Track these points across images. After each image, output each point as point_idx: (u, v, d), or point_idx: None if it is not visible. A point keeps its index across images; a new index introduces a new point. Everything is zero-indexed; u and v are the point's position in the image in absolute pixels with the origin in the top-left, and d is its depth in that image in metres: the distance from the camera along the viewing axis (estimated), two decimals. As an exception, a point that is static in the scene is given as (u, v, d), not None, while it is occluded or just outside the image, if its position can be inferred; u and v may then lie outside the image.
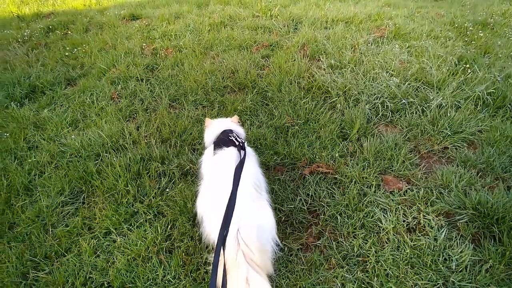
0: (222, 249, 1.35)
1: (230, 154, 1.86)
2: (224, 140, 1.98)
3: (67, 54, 4.38)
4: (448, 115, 2.95)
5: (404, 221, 2.12)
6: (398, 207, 2.20)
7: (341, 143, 2.79)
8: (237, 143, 1.93)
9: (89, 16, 5.75)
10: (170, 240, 2.07)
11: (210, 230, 1.62)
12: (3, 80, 3.74)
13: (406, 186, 2.36)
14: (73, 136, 2.93)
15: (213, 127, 2.23)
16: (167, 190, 2.41)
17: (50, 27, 5.31)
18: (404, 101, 3.13)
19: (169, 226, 2.14)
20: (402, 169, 2.50)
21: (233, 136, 1.99)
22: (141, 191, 2.40)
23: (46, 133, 3.04)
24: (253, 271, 1.40)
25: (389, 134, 2.82)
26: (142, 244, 2.02)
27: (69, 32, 5.13)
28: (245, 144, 2.02)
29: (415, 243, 1.99)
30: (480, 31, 4.52)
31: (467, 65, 3.57)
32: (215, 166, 1.87)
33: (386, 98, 3.17)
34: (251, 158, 1.97)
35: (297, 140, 2.80)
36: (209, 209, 1.69)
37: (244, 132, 2.35)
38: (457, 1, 5.77)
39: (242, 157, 1.77)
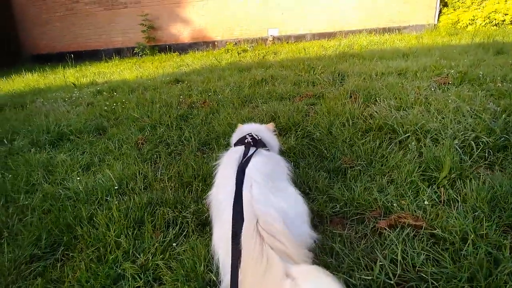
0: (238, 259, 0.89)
1: (236, 151, 1.42)
2: (240, 140, 1.56)
3: (106, 108, 4.14)
4: None
5: None
6: None
7: (427, 188, 1.86)
8: (246, 141, 1.48)
9: (138, 83, 5.77)
10: (160, 327, 1.18)
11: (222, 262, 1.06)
12: (33, 127, 3.45)
13: None
14: (78, 178, 2.33)
15: (240, 130, 1.80)
16: (174, 245, 1.59)
17: (99, 89, 5.33)
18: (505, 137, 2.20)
19: (164, 302, 1.27)
20: (544, 225, 1.48)
21: (249, 135, 1.55)
22: (138, 245, 1.61)
23: (53, 176, 2.49)
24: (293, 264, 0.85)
25: (499, 178, 1.84)
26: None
27: (115, 93, 5.05)
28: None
29: None
30: None
31: None
32: (220, 169, 1.43)
33: (480, 133, 2.26)
34: (272, 159, 1.43)
35: (361, 184, 1.93)
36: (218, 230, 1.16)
37: (277, 142, 1.85)
38: (523, 52, 5.00)
39: (248, 155, 1.33)
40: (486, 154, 2.13)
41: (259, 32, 10.09)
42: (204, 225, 1.73)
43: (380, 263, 1.34)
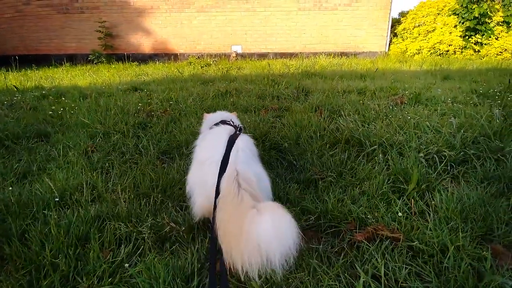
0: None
1: (224, 128, 1.65)
2: (222, 122, 1.76)
3: (51, 113, 3.70)
4: (536, 165, 2.06)
5: None
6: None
7: (398, 200, 1.82)
8: (232, 124, 1.72)
9: (91, 89, 5.32)
10: None
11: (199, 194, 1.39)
12: (-41, 130, 2.94)
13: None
14: (10, 188, 1.96)
15: (211, 118, 1.95)
16: (126, 265, 1.34)
17: (45, 93, 4.81)
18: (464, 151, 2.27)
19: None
20: (512, 236, 1.48)
21: (230, 121, 1.77)
22: (81, 267, 1.33)
23: (-22, 187, 2.08)
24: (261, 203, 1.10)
25: (465, 190, 1.86)
26: None
27: (63, 98, 4.58)
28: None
29: None
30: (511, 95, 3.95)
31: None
32: (207, 136, 1.68)
33: (441, 147, 2.31)
34: (248, 140, 1.64)
35: (333, 196, 1.83)
36: (197, 176, 1.45)
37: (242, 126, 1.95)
38: (466, 78, 5.46)
39: (236, 132, 1.60)
40: (449, 168, 2.17)
41: (223, 47, 10.08)
42: (164, 241, 1.50)
43: (362, 279, 1.22)
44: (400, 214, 1.66)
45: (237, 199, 1.09)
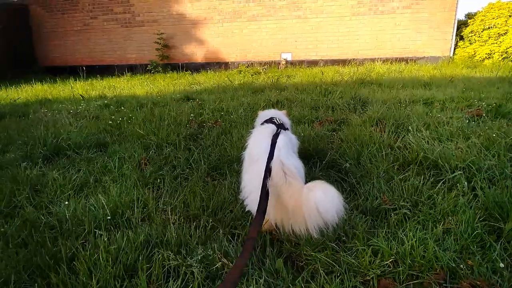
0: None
1: (267, 127, 1.88)
2: (268, 121, 1.98)
3: (110, 122, 3.82)
4: None
5: None
6: None
7: (495, 243, 1.45)
8: (277, 123, 1.92)
9: (147, 98, 5.50)
10: None
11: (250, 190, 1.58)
12: (29, 138, 3.12)
13: None
14: (66, 203, 1.95)
15: (263, 114, 2.20)
16: (174, 307, 1.18)
17: (107, 103, 5.04)
18: None
19: None
20: None
21: (275, 119, 1.98)
22: (126, 305, 1.20)
23: (39, 198, 2.12)
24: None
25: None
26: None
27: (123, 108, 4.76)
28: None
29: None
30: None
31: None
32: (253, 137, 1.89)
33: (547, 176, 1.86)
34: (290, 137, 1.88)
35: (411, 233, 1.52)
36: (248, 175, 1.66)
37: (290, 124, 2.22)
38: (556, 88, 4.65)
39: (278, 131, 1.80)
40: (558, 202, 1.72)
41: (272, 55, 9.95)
42: (214, 279, 1.33)
43: None
44: (502, 265, 1.30)
45: (286, 184, 1.36)
